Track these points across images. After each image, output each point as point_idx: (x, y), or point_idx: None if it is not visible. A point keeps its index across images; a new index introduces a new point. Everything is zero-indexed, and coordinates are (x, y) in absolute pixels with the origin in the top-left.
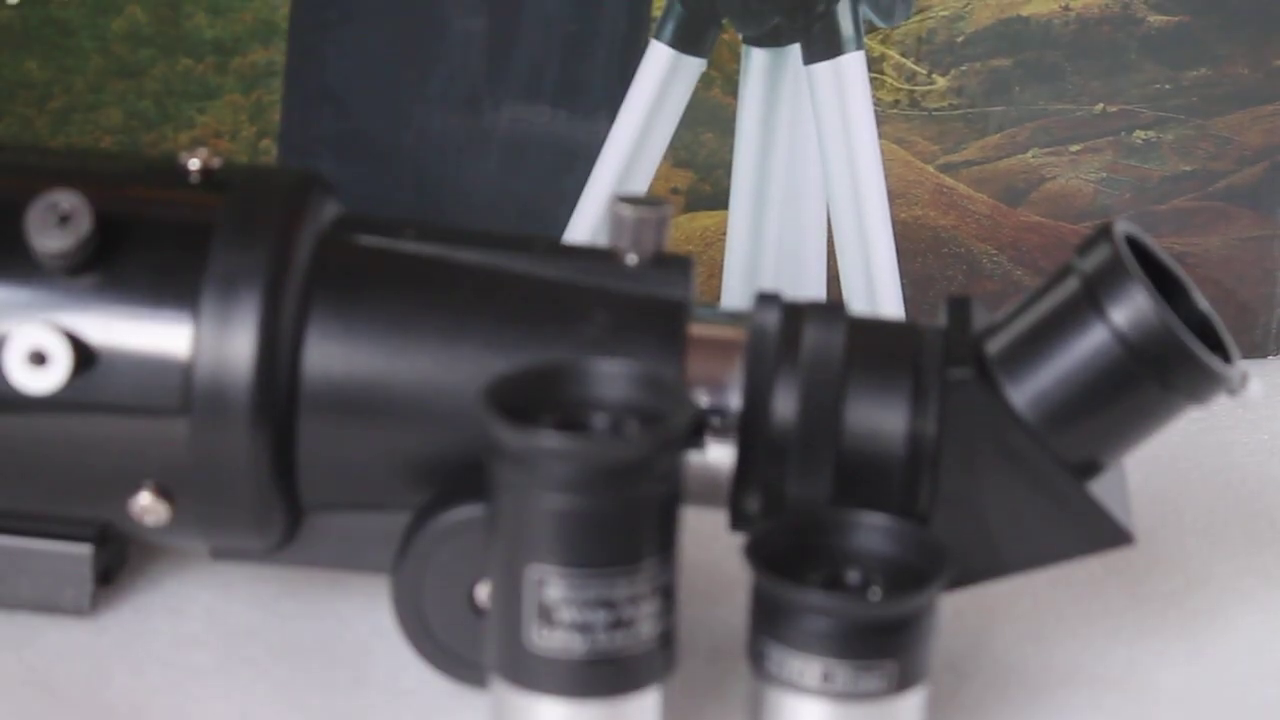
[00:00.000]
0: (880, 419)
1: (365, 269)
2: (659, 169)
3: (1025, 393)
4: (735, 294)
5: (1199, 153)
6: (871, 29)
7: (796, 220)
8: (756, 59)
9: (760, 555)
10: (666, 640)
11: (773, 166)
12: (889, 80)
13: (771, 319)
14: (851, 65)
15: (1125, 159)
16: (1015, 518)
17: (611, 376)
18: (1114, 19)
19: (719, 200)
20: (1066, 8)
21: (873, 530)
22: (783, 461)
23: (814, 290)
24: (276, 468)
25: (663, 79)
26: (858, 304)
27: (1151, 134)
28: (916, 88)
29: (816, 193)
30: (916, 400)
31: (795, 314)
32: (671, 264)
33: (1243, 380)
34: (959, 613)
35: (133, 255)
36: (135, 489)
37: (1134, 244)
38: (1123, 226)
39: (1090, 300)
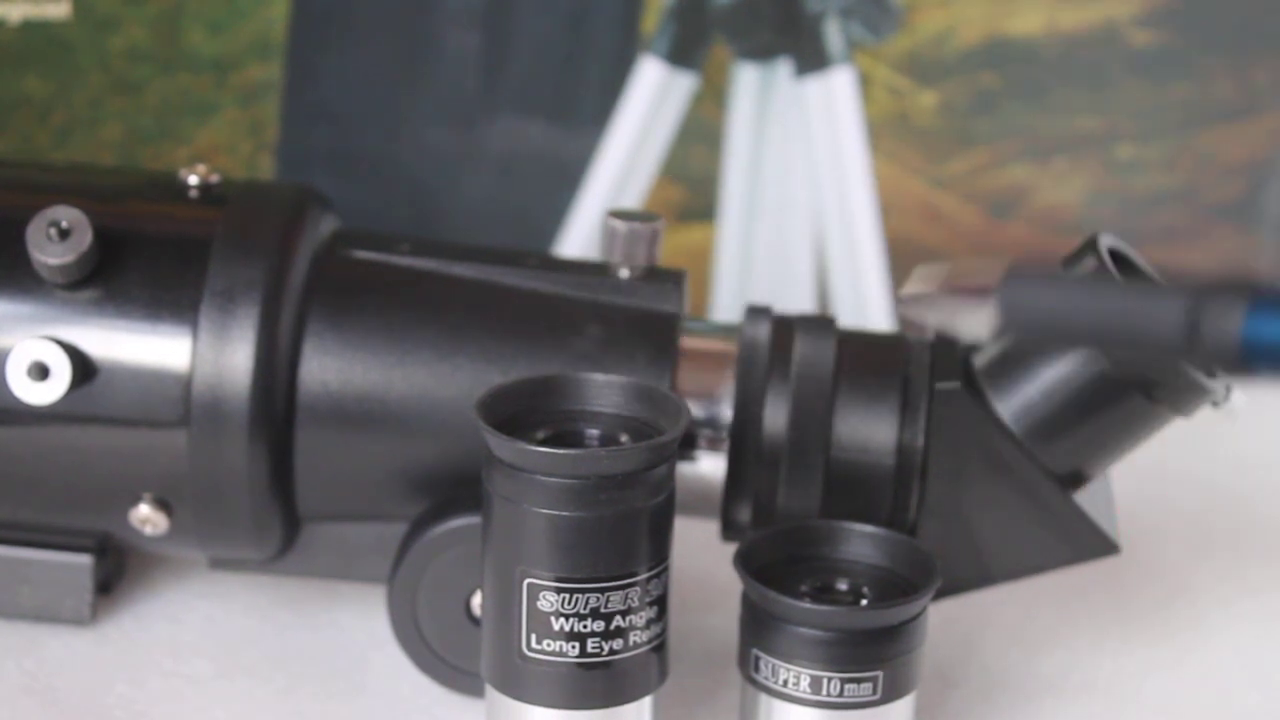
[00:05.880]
0: (869, 430)
1: (361, 283)
2: (652, 183)
3: (1012, 404)
4: (726, 307)
5: (1183, 168)
6: (860, 44)
7: (786, 233)
8: (747, 74)
9: (750, 565)
10: (659, 650)
11: (763, 180)
12: (877, 95)
13: (762, 331)
14: (841, 80)
15: (1110, 174)
16: (1002, 528)
17: (604, 388)
18: (1099, 37)
19: (710, 213)
20: (1053, 25)
21: (862, 540)
22: (773, 472)
23: (803, 303)
24: (274, 479)
25: (655, 94)
26: (847, 316)
27: (1136, 150)
28: (904, 103)
29: (806, 206)
30: (905, 412)
31: (785, 326)
32: (664, 277)
33: (1226, 392)
34: (947, 621)
35: (132, 269)
36: (134, 500)
37: (1118, 257)
38: (1107, 240)
39: None
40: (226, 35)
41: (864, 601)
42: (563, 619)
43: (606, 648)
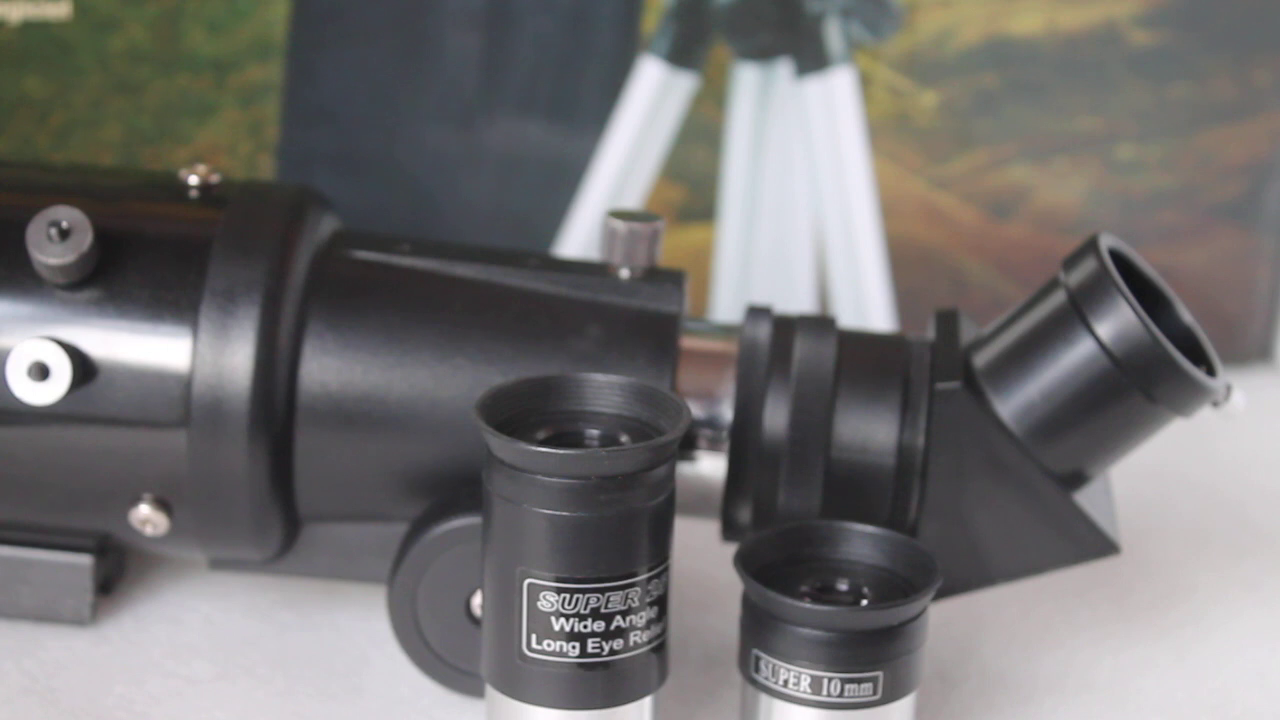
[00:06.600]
0: (869, 431)
1: (361, 283)
2: (652, 183)
3: (1012, 405)
4: (726, 307)
5: (1183, 168)
6: (860, 44)
7: (786, 233)
8: (746, 74)
9: (751, 565)
10: (659, 650)
11: (763, 180)
12: (877, 95)
13: (762, 332)
14: (841, 80)
15: (1110, 174)
16: (1002, 528)
17: (604, 389)
18: (1099, 37)
19: (710, 213)
20: (1053, 25)
21: (862, 540)
22: (773, 472)
23: (803, 303)
24: (274, 479)
25: (655, 94)
26: (847, 317)
27: (1136, 150)
28: (905, 103)
29: (806, 206)
30: (905, 412)
31: (786, 327)
32: (664, 278)
33: (1226, 392)
34: (947, 622)
35: (133, 269)
36: (135, 500)
37: (1119, 258)
38: (1108, 240)
39: (1076, 313)
40: (226, 35)
41: (864, 602)
42: (563, 619)
43: (607, 648)
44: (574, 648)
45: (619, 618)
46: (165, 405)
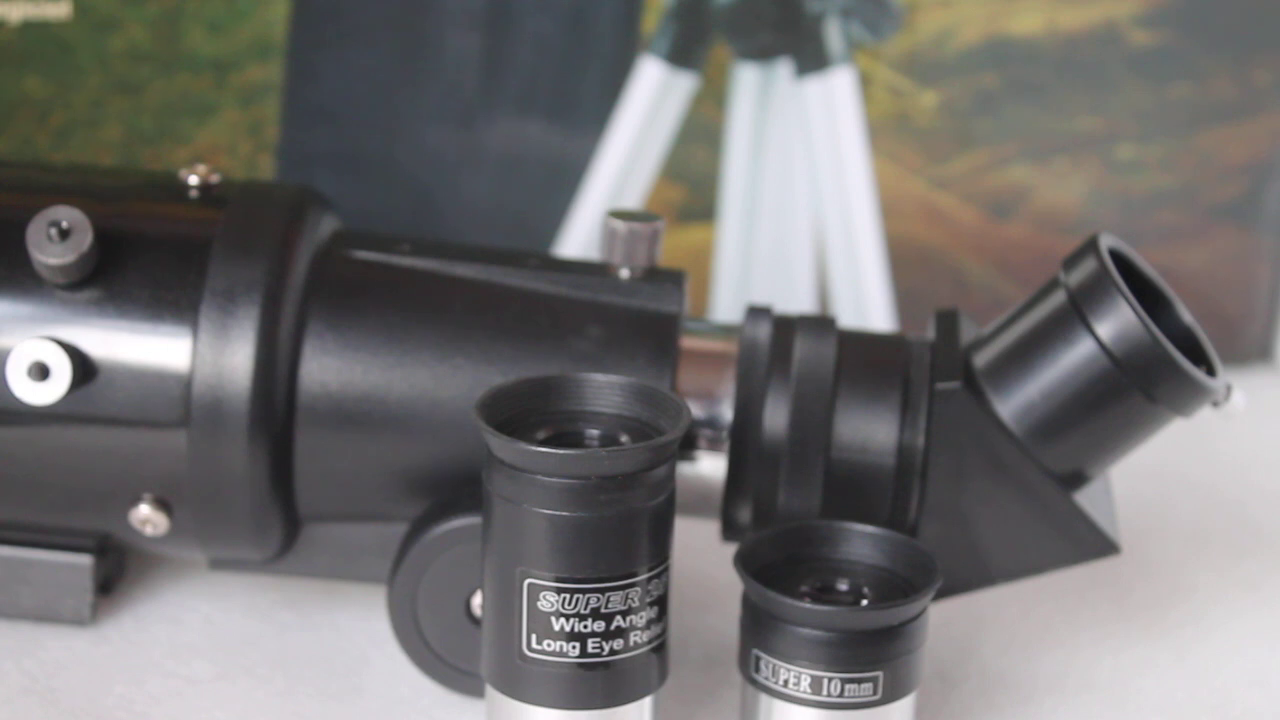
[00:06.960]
0: (869, 431)
1: (362, 283)
2: (652, 183)
3: (1012, 405)
4: (726, 307)
5: (1183, 168)
6: (860, 44)
7: (786, 233)
8: (746, 74)
9: (751, 565)
10: (659, 650)
11: (763, 180)
12: (877, 95)
13: (762, 332)
14: (841, 80)
15: (1110, 174)
16: (1003, 528)
17: (604, 389)
18: (1099, 37)
19: (710, 213)
20: (1053, 25)
21: (862, 540)
22: (773, 472)
23: (803, 303)
24: (274, 479)
25: (655, 94)
26: (847, 317)
27: (1136, 150)
28: (905, 103)
29: (806, 206)
30: (905, 412)
31: (786, 327)
32: (664, 278)
33: (1226, 392)
34: (947, 621)
35: (133, 269)
36: (135, 500)
37: (1119, 258)
38: (1108, 240)
39: (1076, 313)
40: (226, 35)
41: (864, 602)
42: (563, 619)
43: (607, 648)
44: (574, 648)
45: (619, 618)
46: (165, 405)
